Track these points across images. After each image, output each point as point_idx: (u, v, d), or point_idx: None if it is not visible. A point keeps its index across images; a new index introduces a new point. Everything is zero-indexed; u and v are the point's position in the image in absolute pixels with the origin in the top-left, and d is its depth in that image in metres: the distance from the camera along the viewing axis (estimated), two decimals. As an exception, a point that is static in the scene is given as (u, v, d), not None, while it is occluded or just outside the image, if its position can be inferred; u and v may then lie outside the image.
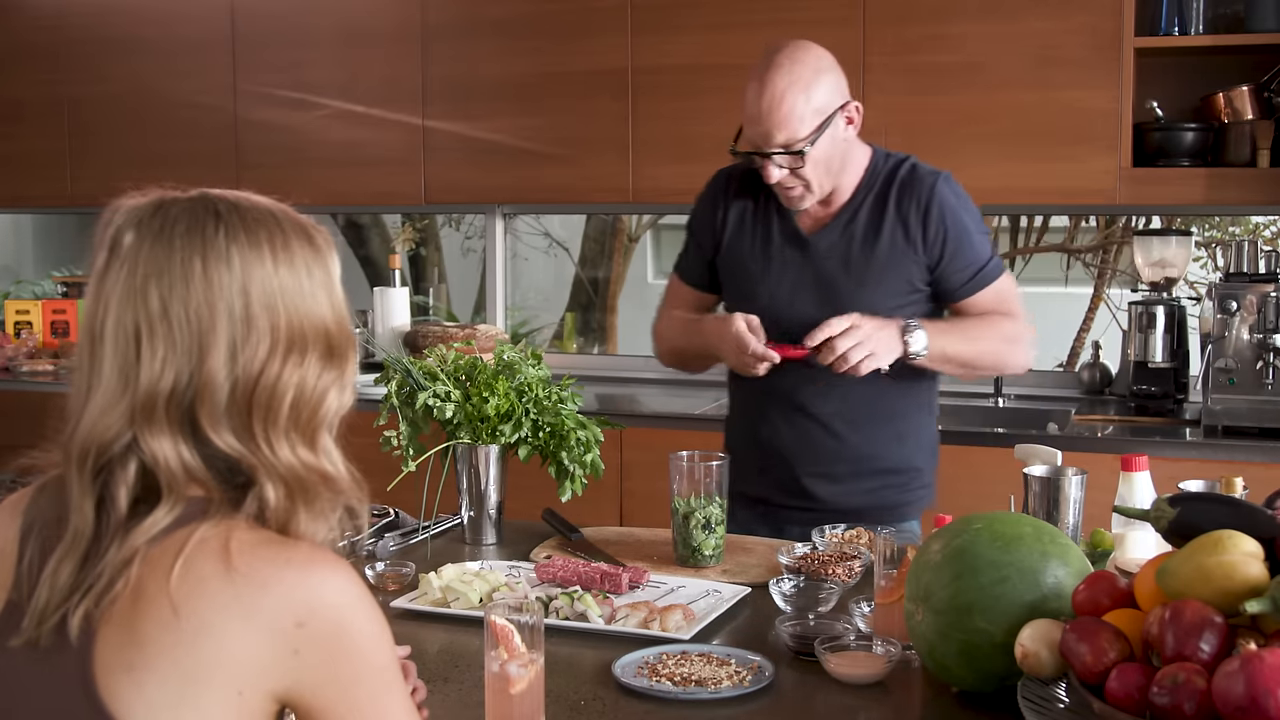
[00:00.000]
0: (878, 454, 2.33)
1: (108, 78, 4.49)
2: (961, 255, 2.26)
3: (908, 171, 2.28)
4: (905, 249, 2.26)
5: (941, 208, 2.25)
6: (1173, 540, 1.49)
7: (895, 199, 2.27)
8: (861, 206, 2.28)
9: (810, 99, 2.18)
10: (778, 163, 2.20)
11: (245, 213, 1.13)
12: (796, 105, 2.17)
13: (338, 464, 1.16)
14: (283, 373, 1.11)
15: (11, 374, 4.35)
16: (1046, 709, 1.39)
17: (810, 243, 2.30)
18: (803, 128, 2.17)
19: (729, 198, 2.38)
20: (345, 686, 1.08)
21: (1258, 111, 3.33)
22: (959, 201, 2.28)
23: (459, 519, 2.30)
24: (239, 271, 1.10)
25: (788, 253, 2.31)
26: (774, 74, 2.17)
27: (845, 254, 2.28)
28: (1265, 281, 3.21)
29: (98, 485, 1.09)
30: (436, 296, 5.92)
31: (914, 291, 2.28)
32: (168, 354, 1.08)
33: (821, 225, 2.30)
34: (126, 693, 1.03)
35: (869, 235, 2.27)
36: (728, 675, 1.58)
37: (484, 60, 3.99)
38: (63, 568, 1.07)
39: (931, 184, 2.26)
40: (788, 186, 2.23)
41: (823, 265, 2.29)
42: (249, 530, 1.08)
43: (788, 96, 2.17)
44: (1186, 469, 2.71)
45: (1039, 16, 3.42)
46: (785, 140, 2.17)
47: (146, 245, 1.09)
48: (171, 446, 1.08)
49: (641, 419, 3.59)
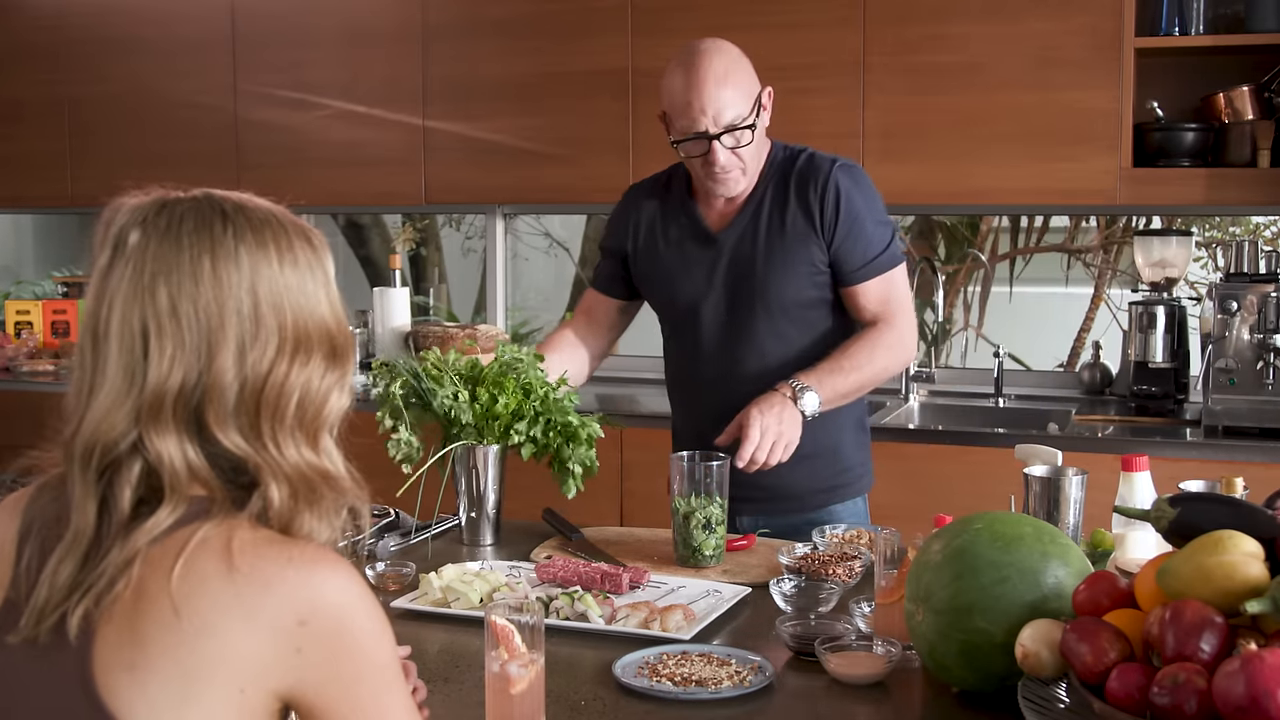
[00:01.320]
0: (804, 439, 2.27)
1: (108, 78, 4.49)
2: (855, 239, 2.32)
3: (805, 160, 2.35)
4: (806, 232, 2.32)
5: (838, 192, 2.31)
6: (1173, 540, 1.50)
7: (795, 185, 2.33)
8: (765, 197, 2.35)
9: (745, 79, 2.26)
10: (725, 143, 2.24)
11: (251, 213, 1.13)
12: (741, 84, 2.25)
13: (339, 464, 1.17)
14: (290, 372, 1.11)
15: (11, 374, 4.35)
16: (1047, 709, 1.39)
17: (719, 239, 2.37)
18: (744, 106, 2.24)
19: (639, 209, 2.47)
20: (347, 685, 1.08)
21: (1258, 111, 3.33)
22: (856, 188, 2.33)
23: (457, 520, 2.30)
24: (247, 271, 1.10)
25: (699, 251, 2.38)
26: (708, 59, 2.24)
27: (753, 245, 2.34)
28: (1265, 281, 3.21)
29: (101, 485, 1.08)
30: (437, 296, 5.92)
31: (818, 274, 2.34)
32: (176, 352, 1.08)
33: (728, 220, 2.37)
34: (128, 692, 1.04)
35: (774, 224, 2.33)
36: (728, 675, 1.58)
37: (484, 60, 3.99)
38: (63, 567, 1.07)
39: (829, 170, 2.32)
40: (729, 169, 2.27)
41: (733, 258, 2.35)
42: (251, 530, 1.08)
43: (730, 76, 2.23)
44: (1187, 469, 2.71)
45: (1039, 17, 3.42)
46: (732, 119, 2.23)
47: (153, 243, 1.09)
48: (177, 446, 1.08)
49: (641, 419, 3.59)
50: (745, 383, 2.31)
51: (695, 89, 2.22)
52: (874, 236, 2.33)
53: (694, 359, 2.42)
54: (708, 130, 2.23)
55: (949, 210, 4.68)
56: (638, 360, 4.30)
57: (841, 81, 3.58)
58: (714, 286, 2.37)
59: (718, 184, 2.31)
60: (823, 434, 2.33)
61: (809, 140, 2.34)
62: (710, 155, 2.25)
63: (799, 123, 3.62)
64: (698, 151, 2.27)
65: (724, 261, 2.36)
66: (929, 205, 3.87)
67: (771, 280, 2.33)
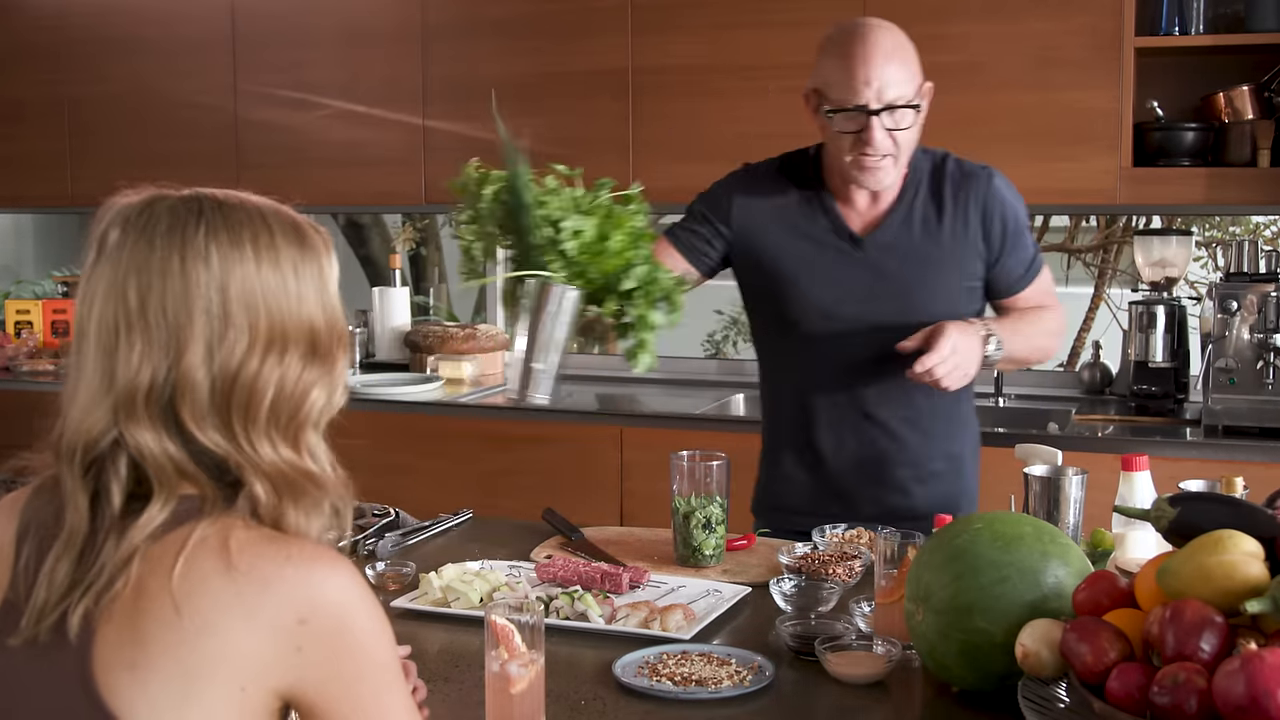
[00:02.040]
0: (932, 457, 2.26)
1: (108, 78, 4.49)
2: (1018, 250, 2.24)
3: (956, 166, 2.23)
4: (965, 244, 2.20)
5: (1001, 203, 2.21)
6: (1173, 540, 1.50)
7: (952, 193, 2.21)
8: (915, 201, 2.21)
9: (912, 60, 2.13)
10: (884, 122, 2.09)
11: (230, 211, 1.13)
12: (908, 63, 2.11)
13: (323, 463, 1.16)
14: (261, 370, 1.11)
15: (11, 374, 4.35)
16: (1047, 709, 1.39)
17: (864, 243, 2.21)
18: (909, 87, 2.10)
19: (763, 195, 2.28)
20: (347, 683, 1.08)
21: (1258, 111, 3.33)
22: (1013, 195, 2.25)
23: (458, 519, 2.29)
24: (217, 269, 1.10)
25: (837, 251, 2.22)
26: (878, 33, 2.10)
27: (905, 251, 2.20)
28: (1265, 281, 3.21)
29: (90, 481, 1.09)
30: (437, 296, 5.92)
31: (971, 288, 2.24)
32: (145, 350, 1.09)
33: (874, 223, 2.22)
34: (128, 691, 1.04)
35: (928, 231, 2.21)
36: (728, 675, 1.58)
37: (484, 60, 3.98)
38: (60, 565, 1.07)
39: (988, 178, 2.22)
40: (881, 153, 2.11)
41: (879, 264, 2.21)
42: (247, 528, 1.09)
43: (898, 52, 2.10)
44: (1187, 469, 2.71)
45: (1039, 17, 3.42)
46: (895, 97, 2.08)
47: (129, 243, 1.11)
48: (156, 440, 1.09)
49: (641, 419, 3.59)
50: (873, 399, 2.22)
51: (861, 59, 2.07)
52: (1030, 243, 2.26)
53: (815, 371, 2.25)
54: (868, 104, 2.07)
55: (949, 210, 4.67)
56: (638, 360, 4.30)
57: (842, 81, 3.57)
58: (854, 292, 2.21)
59: (865, 171, 2.13)
60: (953, 448, 2.28)
61: (814, 139, 2.31)
62: (866, 133, 2.09)
63: (799, 122, 3.62)
64: (852, 127, 2.10)
65: (869, 267, 2.21)
66: (929, 205, 3.86)
67: (922, 293, 2.19)
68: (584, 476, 3.54)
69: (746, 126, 3.65)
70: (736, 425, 3.56)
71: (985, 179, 2.22)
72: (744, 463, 2.34)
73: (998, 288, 2.26)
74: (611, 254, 1.76)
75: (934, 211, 2.21)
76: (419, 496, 2.86)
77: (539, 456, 3.60)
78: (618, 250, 1.76)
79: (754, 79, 3.65)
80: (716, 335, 6.07)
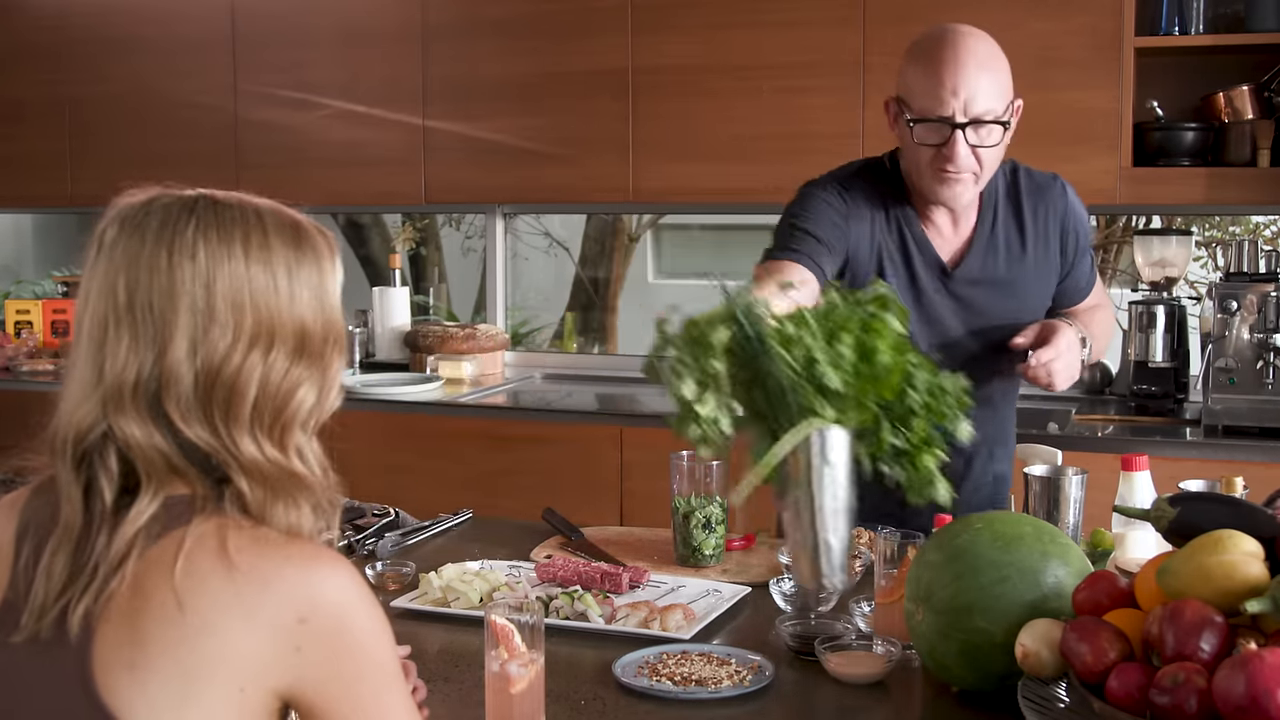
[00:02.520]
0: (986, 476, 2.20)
1: (108, 78, 4.49)
2: (1085, 259, 2.19)
3: (1028, 178, 2.15)
4: (1047, 264, 2.14)
5: (1076, 216, 2.15)
6: (1173, 540, 1.50)
7: (1031, 210, 2.12)
8: (997, 225, 2.12)
9: (1005, 73, 2.01)
10: (969, 137, 1.97)
11: (224, 210, 1.14)
12: (1000, 76, 1.99)
13: (311, 464, 1.16)
14: (244, 366, 1.11)
15: (11, 374, 4.35)
16: (1047, 709, 1.39)
17: (955, 275, 2.11)
18: (999, 101, 1.98)
19: (851, 213, 2.08)
20: (347, 683, 1.08)
21: (1258, 111, 3.33)
22: (1081, 205, 2.19)
23: (457, 520, 2.28)
24: (204, 265, 1.11)
25: (929, 284, 2.10)
26: (971, 40, 1.99)
27: (992, 282, 2.11)
28: (1265, 281, 3.21)
29: (82, 474, 1.10)
30: (437, 296, 5.92)
31: (1047, 304, 2.19)
32: (132, 344, 1.10)
33: (960, 253, 2.12)
34: (128, 691, 1.04)
35: (1012, 256, 2.12)
36: (728, 675, 1.58)
37: (484, 60, 3.99)
38: (56, 560, 1.08)
39: (1062, 190, 2.15)
40: (963, 170, 1.99)
41: (968, 297, 2.12)
42: (245, 527, 1.09)
43: (990, 63, 1.98)
44: (1187, 469, 2.71)
45: (1039, 17, 3.42)
46: (982, 110, 1.96)
47: (123, 241, 1.12)
48: (144, 433, 1.09)
49: (641, 419, 3.59)
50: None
51: (950, 66, 1.94)
52: (1091, 249, 2.21)
53: None
54: (953, 116, 1.95)
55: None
56: (638, 360, 4.30)
57: (841, 81, 3.57)
58: (943, 328, 2.11)
59: (943, 185, 2.01)
60: (1000, 469, 2.22)
61: (810, 139, 2.31)
62: (949, 147, 1.96)
63: (799, 122, 3.63)
64: (934, 139, 1.98)
65: (959, 300, 2.11)
66: (929, 205, 3.86)
67: (1008, 318, 2.10)
68: (584, 476, 3.54)
69: (745, 127, 3.65)
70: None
71: (1060, 191, 2.15)
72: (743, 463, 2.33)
73: (1067, 298, 2.20)
74: (883, 374, 1.42)
75: (1016, 233, 2.12)
76: (419, 496, 2.87)
77: (539, 456, 3.60)
78: (890, 366, 1.42)
79: (754, 79, 3.65)
80: (716, 335, 6.05)
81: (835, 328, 1.41)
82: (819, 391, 1.35)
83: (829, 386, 1.35)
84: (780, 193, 3.78)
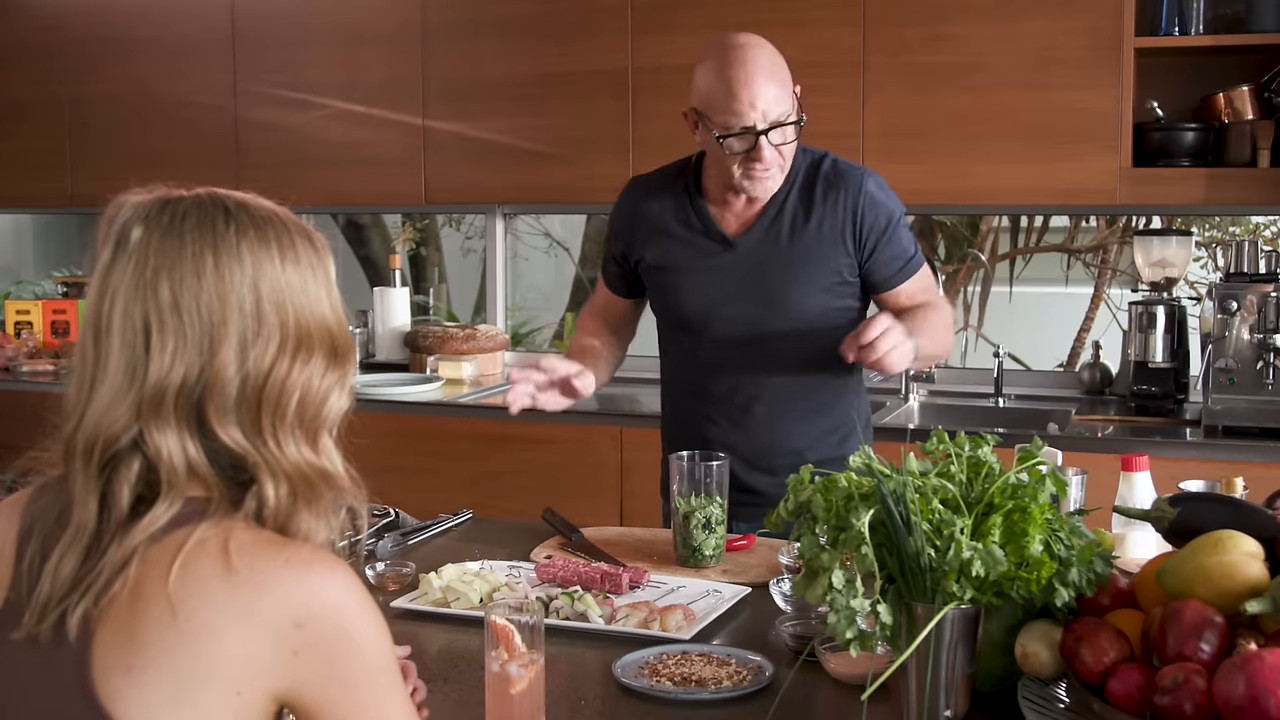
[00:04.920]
0: (811, 447, 2.31)
1: (108, 77, 4.49)
2: (890, 246, 2.28)
3: (831, 167, 2.29)
4: (833, 243, 2.26)
5: (872, 204, 2.26)
6: (1173, 540, 1.50)
7: (821, 194, 2.27)
8: (786, 202, 2.27)
9: (785, 74, 2.19)
10: (773, 139, 2.16)
11: (253, 211, 1.14)
12: (784, 78, 2.18)
13: (337, 464, 1.17)
14: (291, 371, 1.12)
15: (11, 374, 4.35)
16: (1046, 709, 1.39)
17: (736, 244, 2.29)
18: (789, 101, 2.18)
19: (641, 207, 2.37)
20: (345, 687, 1.08)
21: (1258, 111, 3.33)
22: (886, 196, 2.29)
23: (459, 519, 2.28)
24: (249, 268, 1.10)
25: (714, 256, 2.30)
26: (754, 52, 2.17)
27: (772, 251, 2.27)
28: (1265, 281, 3.21)
29: (102, 481, 1.09)
30: (437, 296, 5.92)
31: (842, 284, 2.29)
32: (178, 347, 1.08)
33: (746, 225, 2.29)
34: (125, 693, 1.04)
35: (795, 231, 2.27)
36: (728, 675, 1.58)
37: (484, 60, 3.99)
38: (65, 563, 1.07)
39: (859, 179, 2.27)
40: (770, 167, 2.20)
41: (751, 265, 2.28)
42: (247, 530, 1.08)
43: (775, 70, 2.16)
44: (1186, 469, 2.71)
45: (1039, 17, 3.42)
46: (779, 114, 2.15)
47: (156, 239, 1.10)
48: (177, 441, 1.08)
49: (641, 419, 3.59)
50: (756, 393, 2.30)
51: (743, 82, 2.13)
52: (905, 240, 2.31)
53: (702, 367, 2.34)
54: (755, 125, 2.14)
55: (949, 210, 4.68)
56: (638, 360, 4.29)
57: (841, 81, 3.58)
58: (729, 294, 2.29)
59: (756, 183, 2.22)
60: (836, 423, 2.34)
61: (809, 139, 2.32)
62: (756, 152, 2.16)
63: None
64: (742, 147, 2.17)
65: (741, 269, 2.29)
66: (929, 205, 3.87)
67: (793, 290, 2.27)
68: (584, 476, 3.54)
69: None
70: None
71: (856, 179, 2.27)
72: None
73: (873, 281, 2.31)
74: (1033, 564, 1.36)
75: (802, 211, 2.27)
76: (419, 496, 2.87)
77: (539, 456, 3.61)
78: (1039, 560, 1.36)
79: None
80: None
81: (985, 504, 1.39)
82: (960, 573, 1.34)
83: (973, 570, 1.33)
84: (780, 193, 3.74)
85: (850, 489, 1.39)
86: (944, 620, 1.34)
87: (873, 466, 1.40)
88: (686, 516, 2.08)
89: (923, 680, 1.37)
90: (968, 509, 1.38)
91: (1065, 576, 1.39)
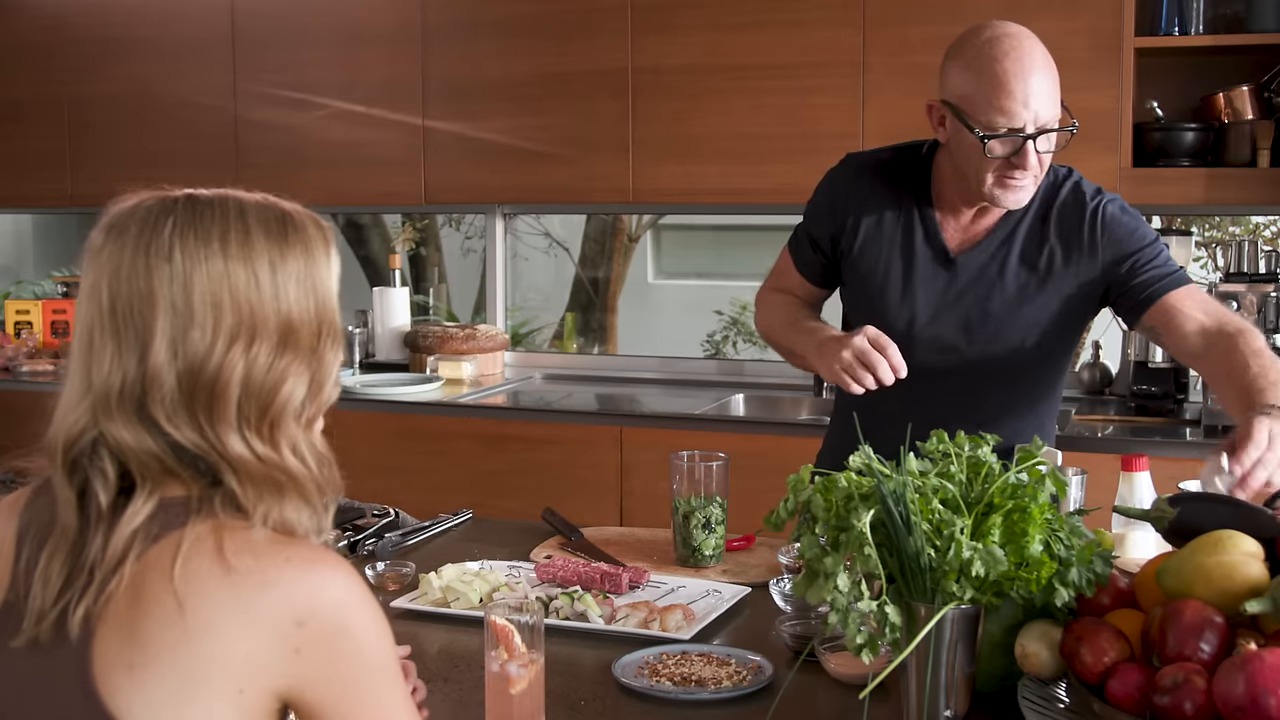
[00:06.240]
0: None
1: (108, 78, 4.49)
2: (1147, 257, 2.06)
3: (1071, 191, 2.09)
4: (1064, 274, 2.06)
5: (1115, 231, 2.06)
6: (1173, 540, 1.50)
7: (1056, 221, 2.07)
8: (1019, 227, 2.08)
9: (1057, 73, 1.99)
10: (1038, 145, 1.96)
11: (203, 209, 1.13)
12: (1055, 76, 1.98)
13: (305, 458, 1.15)
14: (224, 363, 1.10)
15: (11, 374, 4.35)
16: (1046, 709, 1.39)
17: (957, 263, 2.09)
18: (1058, 104, 1.99)
19: (866, 194, 2.13)
20: (346, 685, 1.08)
21: (1258, 111, 3.33)
22: (1130, 218, 2.08)
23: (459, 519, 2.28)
24: (180, 266, 1.10)
25: (931, 271, 2.10)
26: (1028, 44, 1.96)
27: (995, 278, 2.07)
28: (1265, 281, 3.21)
29: (76, 478, 1.10)
30: (436, 296, 5.93)
31: (1069, 316, 2.10)
32: (115, 350, 1.10)
33: (970, 244, 2.10)
34: (127, 692, 1.04)
35: (1024, 260, 2.07)
36: (728, 675, 1.58)
37: (484, 60, 3.99)
38: (53, 563, 1.08)
39: (1102, 206, 2.07)
40: (1029, 176, 1.98)
41: (968, 288, 2.09)
42: (240, 528, 1.08)
43: (1050, 68, 1.97)
44: (1186, 469, 2.70)
45: (1039, 17, 3.40)
46: (1051, 117, 1.96)
47: (107, 247, 1.12)
48: (133, 436, 1.10)
49: (641, 419, 3.59)
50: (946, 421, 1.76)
51: (1018, 79, 1.92)
52: (1158, 257, 2.06)
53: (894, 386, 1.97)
54: (1024, 128, 1.93)
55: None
56: (638, 360, 4.30)
57: (841, 81, 3.58)
58: (936, 315, 2.09)
59: (1009, 192, 1.99)
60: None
61: (810, 140, 2.31)
62: (1020, 157, 1.94)
63: (799, 123, 3.63)
64: (1004, 152, 1.95)
65: (959, 289, 2.08)
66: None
67: (1013, 320, 2.06)
68: (584, 476, 3.54)
69: (745, 127, 3.65)
70: (736, 425, 3.56)
71: (1096, 208, 2.07)
72: (743, 463, 2.34)
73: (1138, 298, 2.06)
74: (1033, 564, 1.37)
75: (1036, 240, 2.08)
76: (419, 496, 2.87)
77: (539, 456, 3.61)
78: (1038, 560, 1.37)
79: (754, 79, 3.65)
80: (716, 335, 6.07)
81: (985, 504, 1.39)
82: (960, 573, 1.34)
83: (973, 570, 1.33)
84: (780, 193, 3.80)
85: (850, 489, 1.40)
86: (944, 620, 1.35)
87: (873, 466, 1.39)
88: (686, 516, 2.08)
89: (923, 680, 1.38)
90: (968, 509, 1.39)
91: (1065, 576, 1.39)
